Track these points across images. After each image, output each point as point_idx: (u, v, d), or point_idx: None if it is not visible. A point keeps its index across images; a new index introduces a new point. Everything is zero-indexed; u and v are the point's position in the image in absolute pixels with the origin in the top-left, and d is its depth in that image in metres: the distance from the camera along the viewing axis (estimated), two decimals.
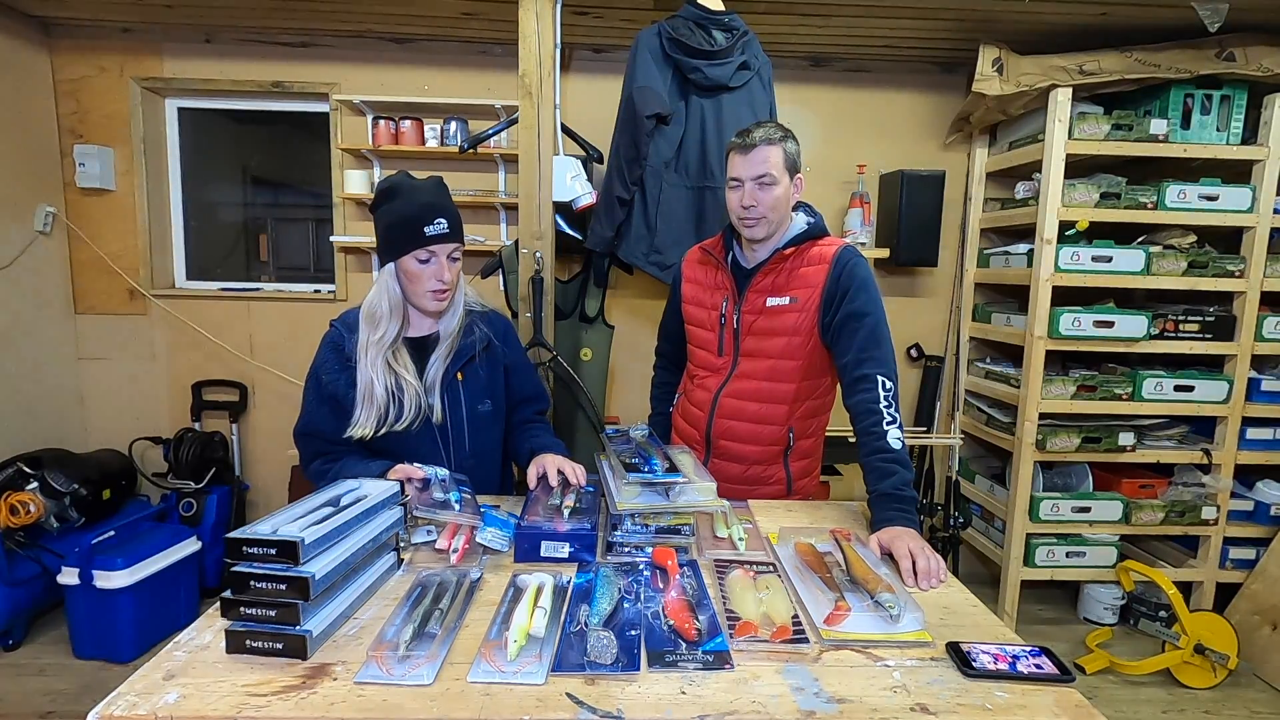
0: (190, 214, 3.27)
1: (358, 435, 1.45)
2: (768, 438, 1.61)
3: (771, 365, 1.57)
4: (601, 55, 3.03)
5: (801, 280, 1.54)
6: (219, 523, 2.94)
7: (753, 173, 1.48)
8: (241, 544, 0.90)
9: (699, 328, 1.70)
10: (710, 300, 1.66)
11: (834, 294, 1.50)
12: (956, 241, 3.17)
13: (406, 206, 1.43)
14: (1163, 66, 2.55)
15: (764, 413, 1.59)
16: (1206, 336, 2.70)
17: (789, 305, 1.54)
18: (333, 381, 1.49)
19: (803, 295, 1.53)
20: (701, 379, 1.70)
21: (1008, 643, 0.97)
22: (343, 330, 1.52)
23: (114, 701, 0.80)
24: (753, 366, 1.59)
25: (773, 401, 1.58)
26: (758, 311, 1.57)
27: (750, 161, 1.48)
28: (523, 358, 1.73)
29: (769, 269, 1.56)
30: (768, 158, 1.47)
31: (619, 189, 2.21)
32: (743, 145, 1.50)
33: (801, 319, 1.53)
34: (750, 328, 1.58)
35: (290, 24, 2.84)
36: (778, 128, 1.51)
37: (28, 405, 2.89)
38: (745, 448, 1.62)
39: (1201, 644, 2.46)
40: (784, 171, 1.50)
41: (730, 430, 1.63)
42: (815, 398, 1.61)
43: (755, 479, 1.64)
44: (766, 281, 1.57)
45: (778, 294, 1.55)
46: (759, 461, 1.63)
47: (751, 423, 1.61)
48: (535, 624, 0.94)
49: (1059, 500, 2.75)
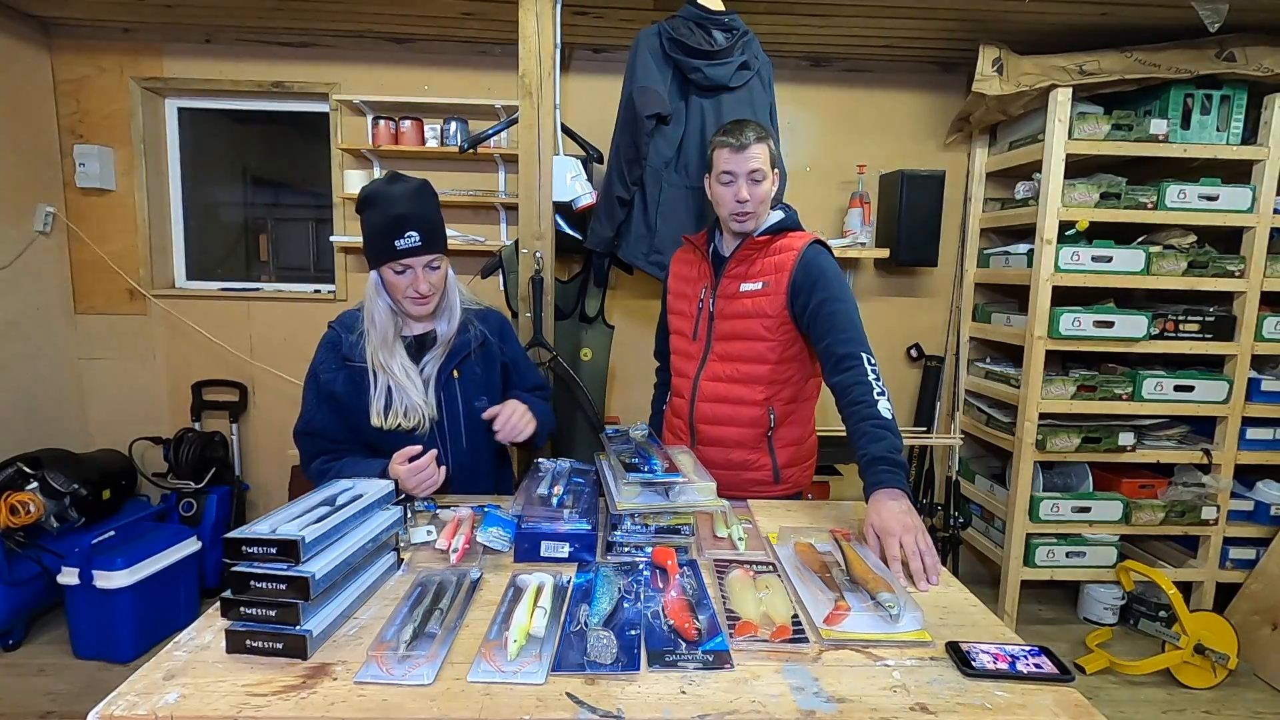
0: (190, 214, 3.27)
1: (375, 424, 1.49)
2: (746, 418, 1.63)
3: (745, 346, 1.61)
4: (601, 55, 3.03)
5: (773, 266, 1.59)
6: (219, 523, 2.94)
7: (746, 168, 1.53)
8: (241, 544, 0.90)
9: (679, 316, 1.76)
10: (692, 290, 1.72)
11: (801, 284, 1.54)
12: (956, 241, 3.17)
13: (379, 218, 1.44)
14: (1163, 66, 2.55)
15: (741, 393, 1.62)
16: (1206, 336, 2.70)
17: (760, 289, 1.59)
18: (330, 380, 1.51)
19: (773, 279, 1.57)
20: (680, 366, 1.75)
21: (1007, 642, 0.97)
22: (339, 330, 1.55)
23: (114, 701, 0.80)
24: (727, 349, 1.64)
25: (749, 382, 1.62)
26: (731, 296, 1.62)
27: (744, 158, 1.53)
28: (521, 353, 1.75)
29: (742, 256, 1.62)
30: (759, 154, 1.53)
31: (619, 189, 2.21)
32: (737, 144, 1.54)
33: (773, 301, 1.57)
34: (724, 311, 1.63)
35: (290, 24, 2.84)
36: (756, 126, 1.57)
37: (28, 405, 2.89)
38: (725, 430, 1.65)
39: (1201, 644, 2.46)
40: (770, 168, 1.57)
41: (711, 413, 1.66)
42: (794, 379, 1.64)
43: (739, 464, 1.65)
44: (741, 268, 1.62)
45: (750, 279, 1.60)
46: (741, 444, 1.65)
47: (730, 404, 1.64)
48: (535, 624, 0.94)
49: (1059, 500, 2.75)
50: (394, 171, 1.53)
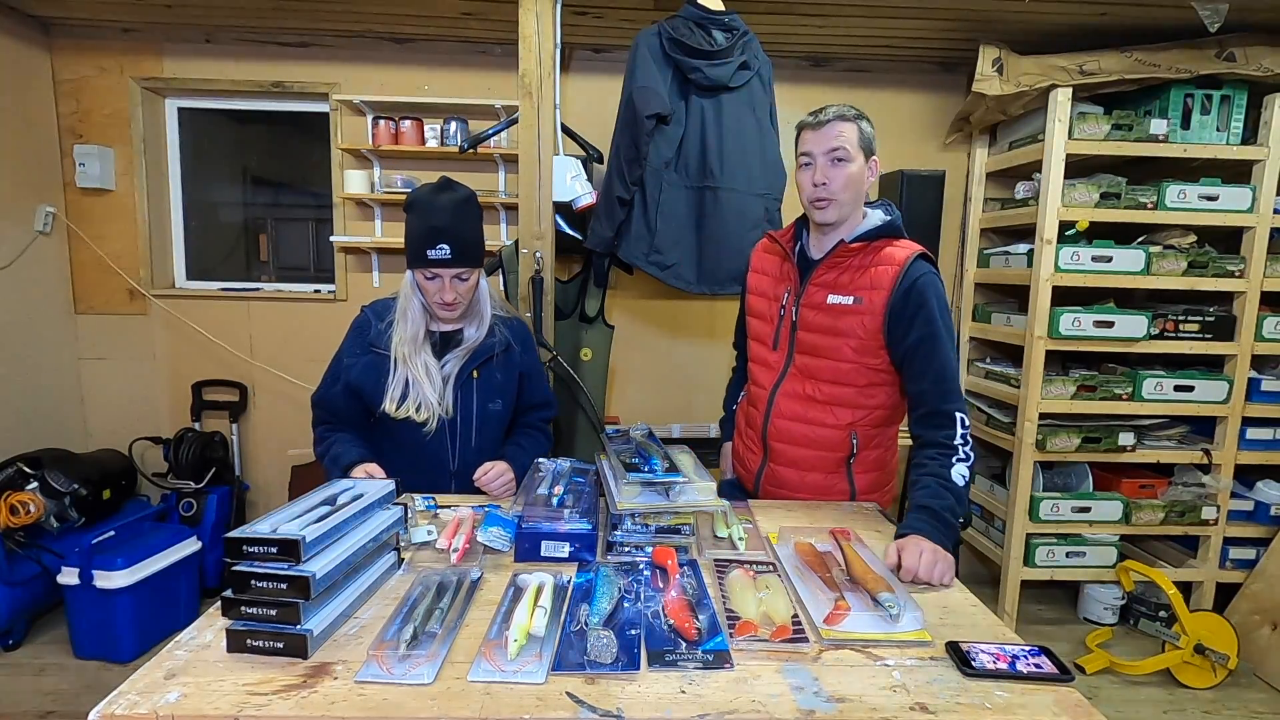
0: (190, 214, 3.28)
1: (388, 411, 1.54)
2: (826, 442, 1.50)
3: (831, 366, 1.47)
4: (601, 55, 3.03)
5: (868, 280, 1.42)
6: (219, 523, 2.93)
7: (825, 146, 1.39)
8: (242, 543, 0.90)
9: (758, 319, 1.62)
10: (774, 291, 1.57)
11: (902, 309, 1.39)
12: (956, 241, 3.17)
13: (418, 225, 1.50)
14: (1163, 66, 2.55)
15: (821, 415, 1.49)
16: (1206, 336, 2.70)
17: (852, 305, 1.43)
18: (352, 365, 1.58)
19: (868, 297, 1.42)
20: (757, 375, 1.62)
21: (1007, 642, 0.97)
22: (370, 316, 1.62)
23: (115, 700, 0.80)
24: (810, 365, 1.50)
25: (832, 404, 1.48)
26: (817, 307, 1.47)
27: (824, 135, 1.39)
28: (538, 367, 1.79)
29: (832, 262, 1.46)
30: (842, 132, 1.38)
31: (619, 189, 2.21)
32: (815, 122, 1.41)
33: (865, 321, 1.42)
34: (808, 323, 1.48)
35: (290, 24, 2.84)
36: (852, 107, 1.43)
37: (28, 405, 2.89)
38: (802, 452, 1.53)
39: (1201, 644, 2.46)
40: (859, 150, 1.40)
41: (787, 432, 1.53)
42: (883, 406, 1.50)
43: (816, 487, 1.54)
44: (829, 276, 1.47)
45: (840, 291, 1.45)
46: (817, 468, 1.53)
47: (808, 425, 1.51)
48: (535, 623, 0.94)
49: (1059, 500, 2.75)
50: (445, 178, 1.57)
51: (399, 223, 2.96)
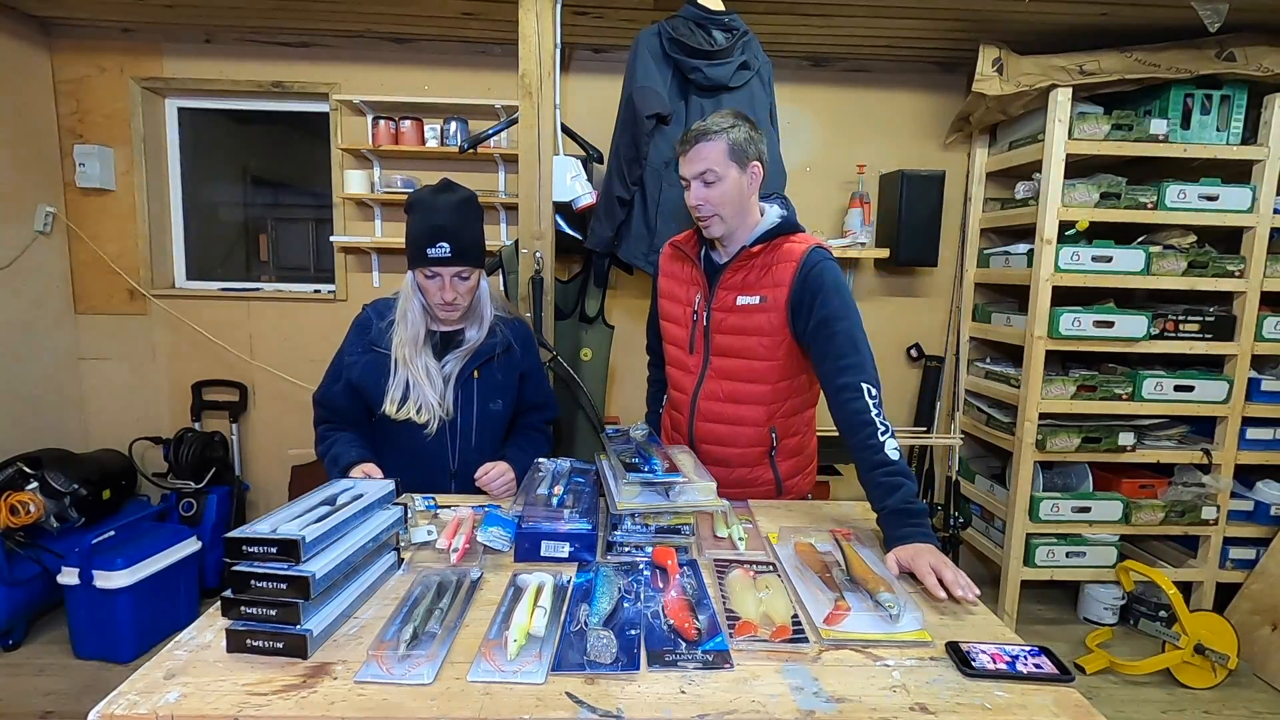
0: (190, 214, 3.27)
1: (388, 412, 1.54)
2: (747, 439, 1.57)
3: (745, 365, 1.53)
4: (601, 55, 3.03)
5: (771, 279, 1.48)
6: (219, 523, 2.93)
7: (693, 171, 1.45)
8: (241, 543, 0.90)
9: (673, 324, 1.67)
10: (685, 296, 1.62)
11: (801, 298, 1.44)
12: (956, 241, 3.17)
13: (418, 224, 1.50)
14: (1163, 66, 2.55)
15: (741, 414, 1.56)
16: (1206, 336, 2.70)
17: (759, 304, 1.49)
18: (353, 364, 1.58)
19: (772, 294, 1.48)
20: (677, 379, 1.68)
21: (1007, 642, 0.97)
22: (372, 315, 1.62)
23: (115, 700, 0.80)
24: (725, 366, 1.56)
25: (749, 402, 1.55)
26: (728, 309, 1.53)
27: (689, 161, 1.46)
28: (538, 368, 1.78)
29: (738, 266, 1.51)
30: (705, 154, 1.44)
31: (619, 189, 2.21)
32: (682, 144, 1.47)
33: (772, 318, 1.48)
34: (720, 326, 1.54)
35: (290, 24, 2.84)
36: (724, 117, 1.46)
37: (28, 405, 2.89)
38: (726, 450, 1.59)
39: (1201, 644, 2.46)
40: (728, 164, 1.44)
41: (711, 433, 1.60)
42: (796, 395, 1.57)
43: (742, 481, 1.60)
44: (736, 279, 1.52)
45: (747, 292, 1.50)
46: (743, 464, 1.60)
47: (730, 424, 1.57)
48: (535, 623, 0.94)
49: (1059, 500, 2.75)
50: (446, 180, 1.57)
51: (399, 223, 2.96)
